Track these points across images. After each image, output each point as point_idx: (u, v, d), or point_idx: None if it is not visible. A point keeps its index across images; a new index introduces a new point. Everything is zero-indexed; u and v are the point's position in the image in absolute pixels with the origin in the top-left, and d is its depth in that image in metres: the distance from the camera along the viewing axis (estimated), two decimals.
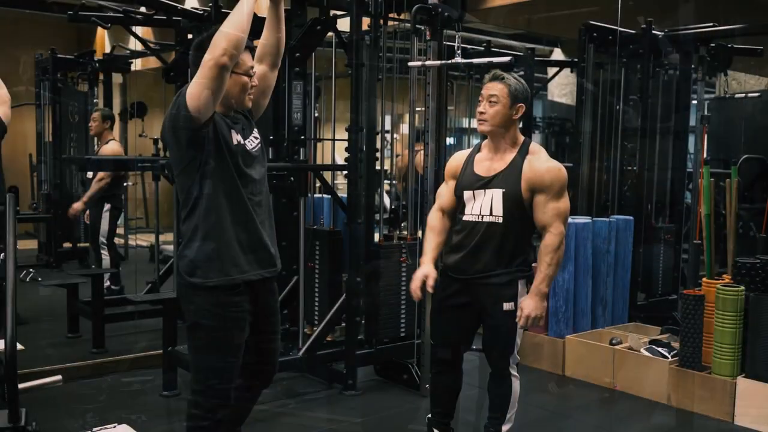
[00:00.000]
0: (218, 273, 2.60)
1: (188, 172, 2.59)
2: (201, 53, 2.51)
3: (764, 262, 4.23)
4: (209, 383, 2.67)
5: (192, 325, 2.66)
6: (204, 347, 2.67)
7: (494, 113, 3.10)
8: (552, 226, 3.04)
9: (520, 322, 3.01)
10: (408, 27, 4.34)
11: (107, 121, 6.56)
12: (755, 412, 4.01)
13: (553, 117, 10.52)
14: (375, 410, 4.17)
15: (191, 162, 2.57)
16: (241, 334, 2.68)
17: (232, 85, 2.59)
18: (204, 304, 2.61)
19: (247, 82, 2.65)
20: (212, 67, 2.42)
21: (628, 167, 6.65)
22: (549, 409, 4.28)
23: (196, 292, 2.62)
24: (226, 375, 2.69)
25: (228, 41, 2.42)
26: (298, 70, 4.49)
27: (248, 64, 2.65)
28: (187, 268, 2.62)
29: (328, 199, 5.02)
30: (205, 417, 2.67)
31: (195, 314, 2.64)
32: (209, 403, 2.67)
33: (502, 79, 3.12)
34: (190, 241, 2.61)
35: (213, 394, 2.67)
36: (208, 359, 2.68)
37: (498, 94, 3.09)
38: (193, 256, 2.60)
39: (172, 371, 4.29)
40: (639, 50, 5.88)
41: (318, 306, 4.70)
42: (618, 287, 5.42)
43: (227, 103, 2.65)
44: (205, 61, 2.43)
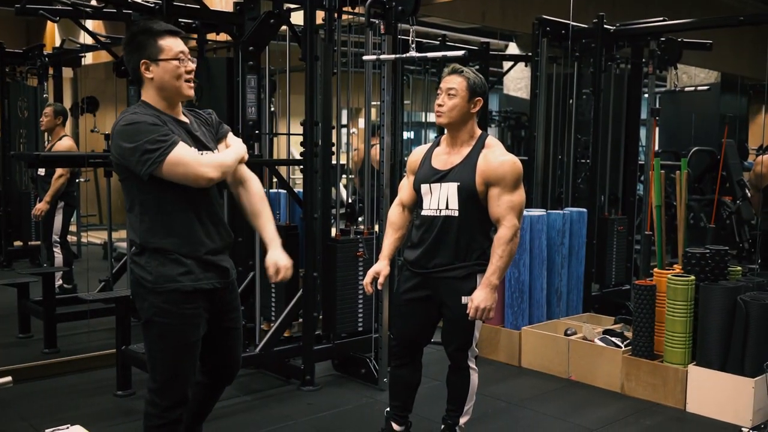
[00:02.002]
0: (172, 281, 2.57)
1: (132, 181, 2.57)
2: (125, 53, 2.55)
3: (713, 252, 4.33)
4: (164, 382, 2.64)
5: (146, 323, 2.63)
6: (158, 345, 2.63)
7: (452, 106, 3.12)
8: (505, 219, 3.06)
9: (470, 313, 3.03)
10: (362, 21, 4.33)
11: (59, 116, 6.43)
12: (706, 399, 4.10)
13: (509, 111, 10.61)
14: (333, 405, 4.16)
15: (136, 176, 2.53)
16: (196, 331, 2.64)
17: (162, 74, 2.55)
18: (157, 302, 2.57)
19: (178, 67, 2.56)
20: (189, 175, 2.47)
21: (581, 160, 6.75)
22: (505, 400, 4.32)
23: (150, 291, 2.58)
24: (182, 374, 2.65)
25: (214, 170, 2.53)
26: (252, 64, 4.45)
27: (175, 49, 2.57)
28: (142, 272, 2.59)
29: (284, 194, 4.99)
30: (161, 416, 2.63)
31: (148, 311, 2.60)
32: (165, 402, 2.63)
33: (461, 73, 3.14)
34: (144, 249, 2.58)
35: (169, 393, 2.64)
36: (162, 357, 2.64)
37: (457, 87, 3.11)
38: (145, 263, 2.57)
39: (126, 370, 4.24)
40: (591, 44, 5.95)
41: (275, 302, 4.67)
42: (572, 278, 5.49)
43: (166, 98, 2.59)
44: (190, 162, 2.47)
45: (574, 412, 4.18)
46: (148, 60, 2.54)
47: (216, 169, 2.56)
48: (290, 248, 4.57)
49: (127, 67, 2.58)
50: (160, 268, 2.55)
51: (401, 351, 3.36)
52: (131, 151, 2.46)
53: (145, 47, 2.54)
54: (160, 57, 2.54)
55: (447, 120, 3.15)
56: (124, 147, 2.48)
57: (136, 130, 2.47)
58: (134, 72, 2.58)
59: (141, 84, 2.60)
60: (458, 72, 3.15)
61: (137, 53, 2.55)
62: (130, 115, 2.53)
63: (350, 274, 4.49)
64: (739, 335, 4.00)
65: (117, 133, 2.51)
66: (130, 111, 2.57)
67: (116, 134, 2.51)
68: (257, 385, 4.49)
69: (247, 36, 4.45)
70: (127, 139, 2.47)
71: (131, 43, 2.57)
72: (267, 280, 4.61)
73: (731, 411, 3.99)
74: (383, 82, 4.24)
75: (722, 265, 4.32)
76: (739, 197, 8.15)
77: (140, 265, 2.58)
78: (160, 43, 2.54)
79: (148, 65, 2.55)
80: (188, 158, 2.49)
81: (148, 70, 2.55)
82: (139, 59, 2.54)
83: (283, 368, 4.54)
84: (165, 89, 2.57)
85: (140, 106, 2.58)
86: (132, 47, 2.56)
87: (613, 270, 6.11)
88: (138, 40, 2.55)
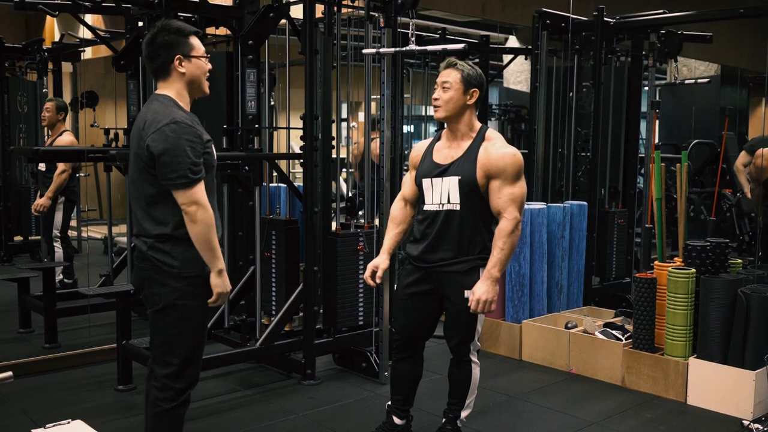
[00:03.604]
0: (198, 267, 2.70)
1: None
2: (155, 48, 2.69)
3: (714, 244, 4.32)
4: (182, 365, 2.73)
5: (165, 308, 2.70)
6: (178, 328, 2.72)
7: (447, 99, 3.12)
8: (506, 211, 3.06)
9: (471, 306, 3.03)
10: (362, 14, 4.32)
11: (61, 111, 6.43)
12: (707, 392, 4.11)
13: (509, 104, 10.59)
14: (334, 399, 4.16)
15: None
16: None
17: (194, 70, 2.74)
18: (181, 285, 2.68)
19: (205, 66, 2.79)
20: (192, 204, 2.61)
21: (581, 153, 6.74)
22: (507, 393, 4.32)
23: (174, 276, 2.68)
24: (197, 355, 2.79)
25: (208, 222, 2.64)
26: (252, 58, 4.44)
27: (202, 48, 2.78)
28: (165, 257, 2.67)
29: (284, 188, 4.98)
30: (173, 399, 2.73)
31: (170, 296, 2.69)
32: (180, 384, 2.74)
33: (455, 66, 3.16)
34: (170, 237, 2.67)
35: (185, 375, 2.74)
36: (182, 340, 2.73)
37: (451, 80, 3.13)
38: (170, 249, 2.67)
39: (127, 365, 4.24)
40: (591, 37, 5.94)
41: (275, 296, 4.67)
42: (573, 272, 5.49)
43: (191, 93, 2.78)
44: (194, 201, 2.61)
45: (575, 405, 4.18)
46: (182, 56, 2.71)
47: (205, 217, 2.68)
48: (291, 242, 4.62)
49: (155, 60, 2.70)
50: (186, 253, 2.67)
51: (403, 345, 3.37)
52: (183, 153, 2.59)
53: (179, 44, 2.70)
54: (193, 54, 2.73)
55: (443, 113, 3.15)
56: (176, 147, 2.59)
57: (193, 134, 2.64)
58: (164, 66, 2.71)
59: (166, 78, 2.73)
60: (453, 65, 3.16)
61: (171, 49, 2.69)
62: (177, 111, 2.66)
63: (350, 268, 4.49)
64: (739, 328, 4.01)
65: (170, 131, 2.60)
66: (171, 107, 2.67)
67: (168, 132, 2.60)
68: (258, 379, 4.50)
69: (246, 30, 4.44)
70: (181, 142, 2.61)
71: (166, 40, 2.70)
72: (267, 273, 4.64)
73: (732, 404, 4.00)
74: (383, 76, 4.23)
75: (723, 258, 4.32)
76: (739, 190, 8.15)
77: (164, 251, 2.67)
78: (192, 42, 2.74)
79: (181, 60, 2.71)
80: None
81: (181, 65, 2.71)
82: (174, 54, 2.70)
83: (284, 362, 4.54)
84: (193, 84, 2.76)
85: (174, 105, 2.70)
86: (165, 44, 2.69)
87: (614, 263, 6.11)
88: (172, 37, 2.70)
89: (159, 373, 2.76)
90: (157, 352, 2.79)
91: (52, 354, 4.78)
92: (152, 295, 2.73)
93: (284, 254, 4.60)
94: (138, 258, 2.77)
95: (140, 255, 2.74)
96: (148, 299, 2.76)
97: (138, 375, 4.19)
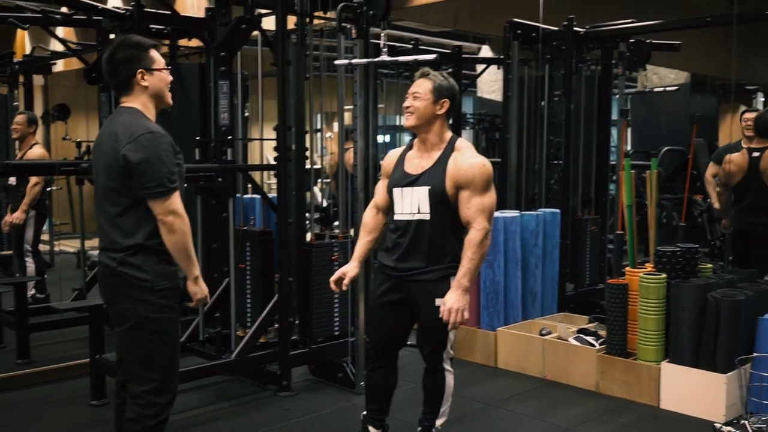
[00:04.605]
0: (169, 279, 2.70)
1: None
2: (115, 65, 2.72)
3: (684, 249, 4.38)
4: (162, 379, 2.70)
5: (140, 323, 2.67)
6: (156, 342, 2.69)
7: (417, 107, 3.15)
8: (476, 221, 3.08)
9: (443, 316, 3.05)
10: (334, 25, 4.34)
11: (32, 125, 6.38)
12: (679, 395, 4.16)
13: (483, 113, 10.67)
14: (310, 410, 4.16)
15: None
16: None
17: (157, 83, 2.77)
18: (155, 299, 2.66)
19: (167, 77, 2.82)
20: (169, 214, 2.62)
21: (554, 161, 6.80)
22: (482, 401, 4.34)
23: (147, 289, 2.65)
24: (177, 368, 2.78)
25: (186, 230, 2.65)
26: (224, 69, 4.45)
27: (162, 60, 2.82)
28: (136, 272, 2.65)
29: (258, 200, 4.98)
30: (156, 415, 2.71)
31: (143, 310, 2.66)
32: (162, 399, 2.71)
33: (427, 76, 3.19)
34: (139, 250, 2.66)
35: (166, 390, 2.72)
36: (161, 354, 2.71)
37: (421, 91, 3.16)
38: (140, 262, 2.65)
39: (100, 380, 4.20)
40: (561, 47, 6.01)
41: (250, 308, 4.66)
42: (547, 279, 5.54)
43: (156, 105, 2.80)
44: (171, 211, 2.62)
45: (550, 411, 4.21)
46: (144, 69, 2.73)
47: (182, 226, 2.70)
48: (265, 253, 4.61)
49: (116, 76, 2.73)
50: (157, 266, 2.67)
51: (377, 354, 3.37)
52: (161, 162, 2.61)
53: (139, 58, 2.73)
54: (154, 67, 2.76)
55: (413, 122, 3.18)
56: (154, 157, 2.61)
57: (168, 144, 2.66)
58: (126, 81, 2.73)
59: (129, 93, 2.75)
60: (425, 75, 3.20)
61: (132, 63, 2.72)
62: (149, 122, 2.70)
63: (326, 279, 4.42)
64: (710, 332, 4.06)
65: (146, 141, 2.61)
66: (142, 118, 2.70)
67: (144, 142, 2.61)
68: (234, 391, 4.48)
69: (218, 42, 4.45)
70: (158, 151, 2.62)
71: (125, 54, 2.72)
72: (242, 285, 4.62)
73: (704, 407, 4.05)
74: (356, 87, 4.25)
75: (693, 263, 4.38)
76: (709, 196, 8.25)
77: (135, 265, 2.65)
78: (152, 55, 2.77)
79: (144, 74, 2.74)
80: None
81: (143, 79, 2.74)
82: (135, 69, 2.72)
83: (260, 374, 4.53)
84: (157, 96, 2.79)
85: (144, 116, 2.72)
86: (125, 59, 2.72)
87: (587, 270, 6.17)
88: (132, 52, 2.73)
89: (137, 391, 2.70)
90: (133, 369, 2.73)
91: (24, 370, 4.73)
92: (124, 311, 2.68)
93: (259, 265, 4.60)
94: (105, 274, 2.72)
95: (108, 271, 2.70)
96: (119, 316, 2.71)
97: (111, 390, 4.14)
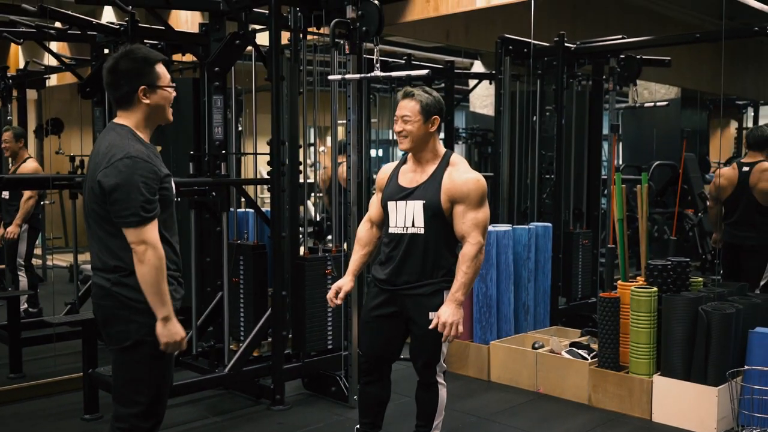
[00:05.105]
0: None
1: None
2: (117, 77, 2.57)
3: (675, 263, 4.41)
4: (150, 403, 2.61)
5: (134, 345, 2.56)
6: (148, 366, 2.59)
7: (410, 130, 3.18)
8: (470, 236, 3.10)
9: (438, 329, 3.06)
10: (327, 41, 4.38)
11: (20, 138, 6.39)
12: (671, 408, 4.17)
13: (475, 128, 10.72)
14: (303, 424, 4.16)
15: None
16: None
17: (159, 101, 2.63)
18: (150, 321, 2.53)
19: (171, 95, 2.68)
20: (141, 243, 2.47)
21: (546, 176, 6.84)
22: (475, 414, 4.35)
23: (141, 311, 2.54)
24: (165, 392, 2.68)
25: (157, 264, 2.49)
26: (218, 84, 4.47)
27: (168, 76, 2.68)
28: (131, 293, 2.54)
29: (252, 214, 4.99)
30: None
31: (137, 332, 2.55)
32: (148, 424, 2.62)
33: (412, 96, 3.20)
34: (132, 273, 2.53)
35: (153, 414, 2.63)
36: (150, 378, 2.61)
37: (410, 113, 3.17)
38: (135, 283, 2.52)
39: (93, 394, 4.19)
40: (553, 62, 6.07)
41: (243, 321, 4.66)
42: (539, 292, 5.56)
43: (153, 123, 2.67)
44: (143, 240, 2.47)
45: (542, 424, 4.22)
46: (147, 86, 2.59)
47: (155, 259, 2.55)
48: (258, 267, 4.62)
49: (117, 90, 2.59)
50: None
51: (370, 367, 3.38)
52: (136, 190, 2.47)
53: (144, 74, 2.59)
54: (159, 83, 2.61)
55: (408, 145, 3.21)
56: (128, 184, 2.47)
57: (147, 170, 2.51)
58: (127, 96, 2.59)
59: (128, 108, 2.61)
60: (410, 96, 3.20)
61: (135, 79, 2.58)
62: (134, 145, 2.53)
63: (319, 292, 4.49)
64: (701, 345, 4.08)
65: (123, 167, 2.48)
66: (129, 139, 2.56)
67: (121, 167, 2.48)
68: (227, 405, 4.47)
69: (212, 57, 4.48)
70: (134, 178, 2.48)
71: (130, 69, 2.58)
72: (235, 299, 4.63)
73: (696, 420, 4.07)
74: (349, 101, 4.28)
75: (684, 277, 4.41)
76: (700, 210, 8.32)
77: (130, 286, 2.53)
78: (158, 70, 2.62)
79: (146, 91, 2.59)
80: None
81: (145, 96, 2.59)
82: (138, 85, 2.58)
83: (253, 388, 4.52)
84: (157, 114, 2.65)
85: (132, 137, 2.58)
86: (131, 73, 2.58)
87: (579, 283, 6.20)
88: (137, 66, 2.59)
89: (123, 413, 2.61)
90: (121, 390, 2.63)
91: (16, 384, 4.71)
92: (117, 333, 2.58)
93: (252, 279, 4.60)
94: (99, 295, 2.61)
95: (102, 292, 2.59)
96: (113, 337, 2.61)
97: (104, 404, 4.15)
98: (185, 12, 7.63)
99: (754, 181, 5.24)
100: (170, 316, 2.53)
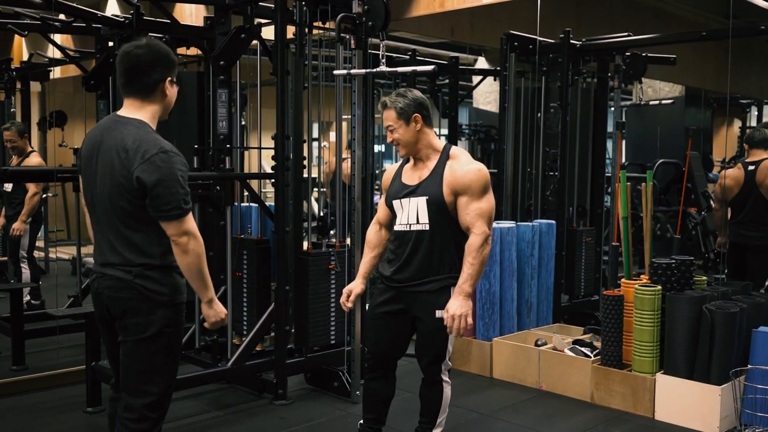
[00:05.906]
0: (181, 294, 2.68)
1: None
2: (148, 62, 2.58)
3: (679, 262, 4.40)
4: (162, 393, 2.66)
5: (154, 336, 2.60)
6: (164, 356, 2.65)
7: (399, 138, 3.22)
8: (475, 226, 3.10)
9: (447, 323, 3.05)
10: (333, 35, 4.37)
11: (24, 134, 6.41)
12: (674, 407, 4.17)
13: (479, 124, 10.69)
14: (306, 419, 4.16)
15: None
16: None
17: (173, 96, 2.71)
18: (170, 313, 2.62)
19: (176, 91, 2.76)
20: (183, 235, 2.56)
21: (550, 173, 6.83)
22: (478, 411, 4.35)
23: (163, 304, 2.61)
24: (174, 382, 2.75)
25: (200, 252, 2.62)
26: (223, 78, 4.46)
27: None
28: (155, 286, 2.59)
29: (255, 208, 4.99)
30: (150, 430, 2.66)
31: (157, 324, 2.59)
32: (157, 414, 2.67)
33: (386, 105, 3.24)
34: (157, 266, 2.61)
35: (162, 404, 2.68)
36: (165, 368, 2.67)
37: (392, 122, 3.21)
38: (159, 277, 2.60)
39: (96, 387, 4.19)
40: (558, 59, 6.05)
41: (246, 316, 4.66)
42: (542, 290, 5.55)
43: (162, 116, 2.73)
44: (185, 232, 2.57)
45: (545, 422, 4.22)
46: (172, 79, 2.68)
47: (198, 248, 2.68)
48: (262, 262, 4.61)
49: (145, 76, 2.60)
50: (174, 280, 2.64)
51: (375, 364, 3.38)
52: (177, 184, 2.54)
53: (172, 66, 2.67)
54: (175, 79, 2.71)
55: (405, 151, 3.26)
56: (169, 178, 2.52)
57: (181, 163, 2.58)
58: (155, 84, 2.62)
59: (147, 98, 2.64)
60: (385, 106, 3.24)
61: (167, 70, 2.64)
62: (160, 139, 2.58)
63: (322, 288, 4.49)
64: (704, 344, 4.08)
65: (161, 162, 2.51)
66: (152, 134, 2.60)
67: (159, 162, 2.51)
68: (229, 399, 4.48)
69: (217, 51, 4.46)
70: (174, 172, 2.54)
71: (162, 58, 2.63)
72: (238, 293, 4.62)
73: (699, 418, 4.06)
74: (354, 96, 4.27)
75: (688, 275, 4.40)
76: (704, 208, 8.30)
77: (153, 279, 2.59)
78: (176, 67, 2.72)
79: (171, 82, 2.68)
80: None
81: (169, 87, 2.67)
82: (167, 75, 2.65)
83: (256, 382, 4.52)
84: (168, 107, 2.73)
85: (151, 131, 2.62)
86: (163, 62, 2.63)
87: (582, 281, 6.19)
88: (170, 59, 2.66)
89: (134, 404, 2.63)
90: (133, 381, 2.65)
91: (19, 376, 4.71)
92: (136, 324, 2.60)
93: (255, 274, 4.60)
94: (115, 288, 2.61)
95: (122, 284, 2.59)
96: (130, 329, 2.61)
97: (107, 397, 4.12)
98: (190, 5, 7.63)
99: (761, 178, 5.23)
100: (214, 298, 2.70)
